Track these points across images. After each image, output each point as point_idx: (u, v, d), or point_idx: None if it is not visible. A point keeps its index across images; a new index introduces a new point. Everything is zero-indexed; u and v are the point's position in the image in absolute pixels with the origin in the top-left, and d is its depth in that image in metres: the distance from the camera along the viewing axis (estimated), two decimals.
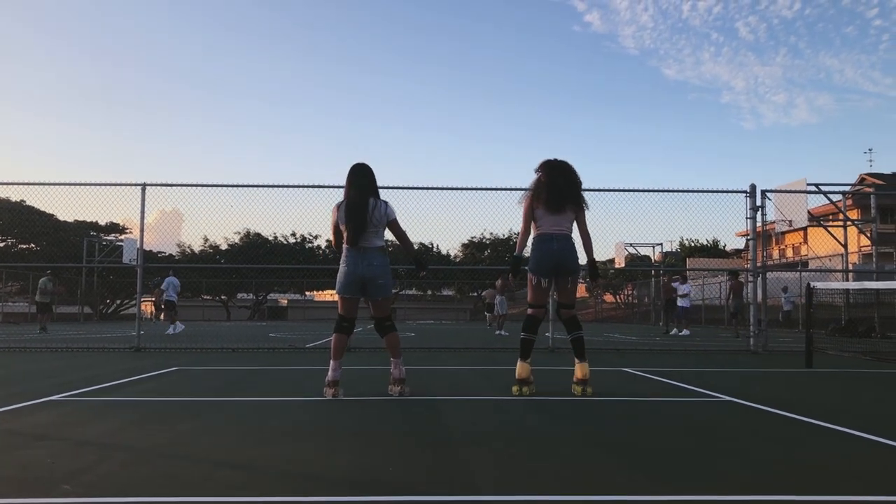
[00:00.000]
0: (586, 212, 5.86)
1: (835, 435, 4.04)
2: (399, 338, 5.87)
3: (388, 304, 5.80)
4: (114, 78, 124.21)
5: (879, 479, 3.00)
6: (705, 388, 6.29)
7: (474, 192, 12.65)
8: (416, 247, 6.10)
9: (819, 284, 10.66)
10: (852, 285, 13.86)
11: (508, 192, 12.37)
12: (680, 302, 20.54)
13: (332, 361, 5.55)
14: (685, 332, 19.75)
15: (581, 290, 65.67)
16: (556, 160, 5.89)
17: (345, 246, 5.61)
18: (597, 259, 6.02)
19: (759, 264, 12.33)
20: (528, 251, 5.96)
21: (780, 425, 4.38)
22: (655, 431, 4.12)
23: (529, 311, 5.89)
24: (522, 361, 5.78)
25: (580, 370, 5.74)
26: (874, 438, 3.90)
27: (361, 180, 5.68)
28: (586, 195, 5.92)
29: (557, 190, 5.72)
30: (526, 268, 5.91)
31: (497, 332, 19.52)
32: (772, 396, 5.74)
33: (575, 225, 5.85)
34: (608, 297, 50.95)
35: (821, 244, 23.72)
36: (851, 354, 10.88)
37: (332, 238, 5.82)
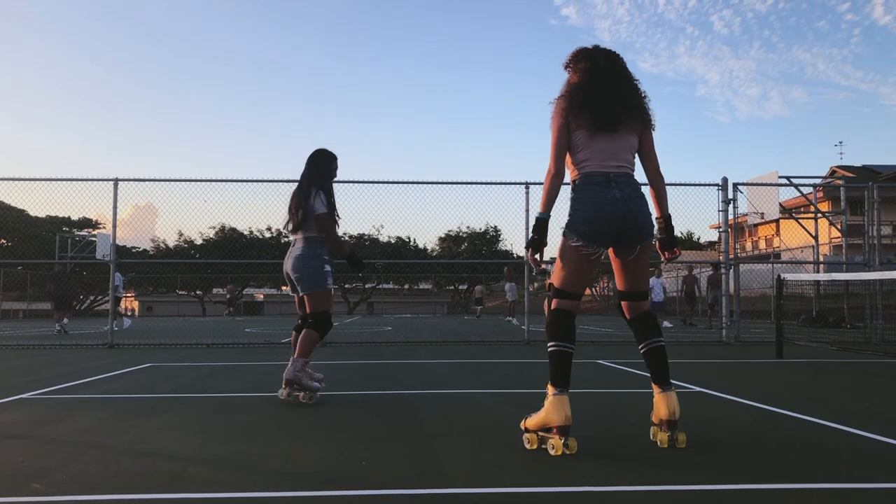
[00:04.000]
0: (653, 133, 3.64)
1: (800, 424, 4.13)
2: (313, 339, 5.15)
3: (315, 301, 5.19)
4: (88, 70, 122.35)
5: (843, 466, 3.08)
6: (675, 378, 6.37)
7: (450, 185, 12.69)
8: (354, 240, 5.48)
9: (789, 276, 10.82)
10: (823, 277, 14.09)
11: (485, 185, 12.42)
12: (653, 296, 20.79)
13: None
14: (666, 323, 19.87)
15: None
16: (598, 48, 3.68)
17: None
18: None
19: (731, 256, 12.50)
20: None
21: (746, 415, 4.46)
22: (626, 422, 4.18)
23: (557, 301, 3.49)
24: (558, 392, 3.33)
25: (665, 405, 3.45)
26: (838, 427, 3.98)
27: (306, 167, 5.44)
28: (561, 188, 3.42)
29: (611, 95, 3.49)
30: (564, 231, 3.50)
31: (507, 319, 19.43)
32: (740, 387, 5.83)
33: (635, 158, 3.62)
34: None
35: (792, 236, 24.04)
36: (819, 345, 11.07)
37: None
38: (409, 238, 48.60)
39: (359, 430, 3.96)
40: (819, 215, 18.11)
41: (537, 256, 3.46)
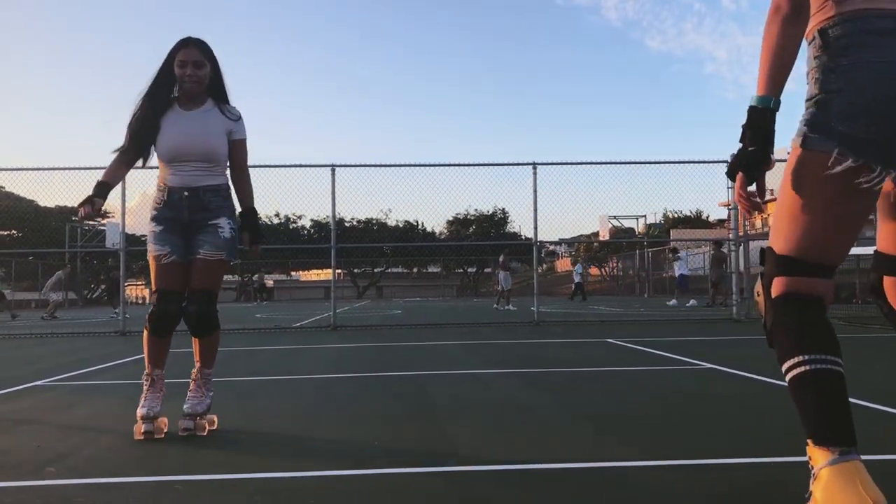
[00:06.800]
0: None
1: None
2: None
3: None
4: (94, 57, 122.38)
5: None
6: (686, 356, 6.37)
7: (458, 168, 12.67)
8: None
9: None
10: None
11: (492, 167, 12.40)
12: (680, 270, 20.74)
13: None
14: (692, 302, 19.27)
15: (565, 263, 64.10)
16: None
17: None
18: (581, 233, 3.01)
19: (740, 234, 12.45)
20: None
21: (757, 391, 4.46)
22: (637, 399, 4.19)
23: (783, 282, 1.95)
24: (840, 458, 1.81)
25: None
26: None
27: None
28: (568, 168, 2.46)
29: None
30: (801, 135, 1.81)
31: (496, 307, 19.31)
32: (751, 363, 5.82)
33: None
34: (593, 270, 51.21)
35: None
36: (830, 320, 11.03)
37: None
38: (417, 222, 48.64)
39: (371, 410, 3.98)
40: None
41: (752, 189, 1.82)
